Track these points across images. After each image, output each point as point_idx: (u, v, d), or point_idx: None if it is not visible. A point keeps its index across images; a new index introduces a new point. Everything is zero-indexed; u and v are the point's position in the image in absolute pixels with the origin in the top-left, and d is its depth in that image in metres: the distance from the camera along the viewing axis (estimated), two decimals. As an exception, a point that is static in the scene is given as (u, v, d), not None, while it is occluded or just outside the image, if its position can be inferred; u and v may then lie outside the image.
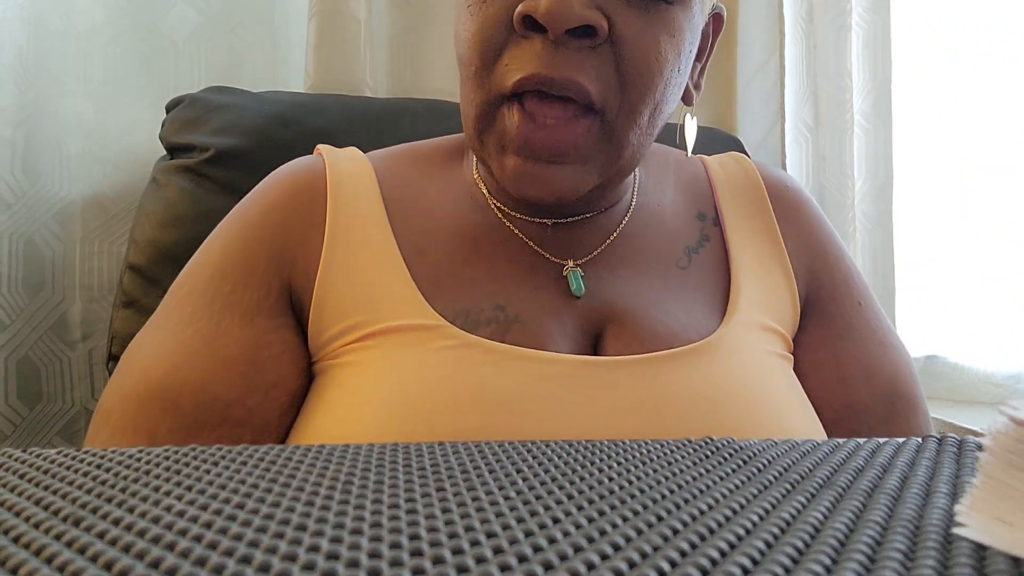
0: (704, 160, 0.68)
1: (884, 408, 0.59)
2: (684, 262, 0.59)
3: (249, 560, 0.20)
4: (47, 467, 0.30)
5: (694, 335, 0.53)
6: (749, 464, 0.31)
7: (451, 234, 0.57)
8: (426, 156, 0.62)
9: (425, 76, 1.08)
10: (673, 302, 0.56)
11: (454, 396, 0.47)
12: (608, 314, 0.54)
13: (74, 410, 0.94)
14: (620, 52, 0.49)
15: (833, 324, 0.61)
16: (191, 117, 0.84)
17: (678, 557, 0.20)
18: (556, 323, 0.53)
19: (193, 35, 0.99)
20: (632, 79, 0.49)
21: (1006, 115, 1.12)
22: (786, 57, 1.14)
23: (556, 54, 0.48)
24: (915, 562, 0.20)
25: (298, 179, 0.59)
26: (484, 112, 0.51)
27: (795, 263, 0.61)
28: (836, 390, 0.58)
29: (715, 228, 0.62)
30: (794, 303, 0.60)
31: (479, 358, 0.49)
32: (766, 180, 0.65)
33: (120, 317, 0.79)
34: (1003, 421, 0.23)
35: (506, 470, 0.30)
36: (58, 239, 0.93)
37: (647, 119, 0.52)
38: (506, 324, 0.51)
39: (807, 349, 0.60)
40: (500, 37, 0.49)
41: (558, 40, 0.47)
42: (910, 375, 0.62)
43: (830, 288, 0.62)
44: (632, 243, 0.59)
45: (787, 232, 0.62)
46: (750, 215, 0.63)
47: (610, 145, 0.51)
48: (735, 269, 0.59)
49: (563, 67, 0.48)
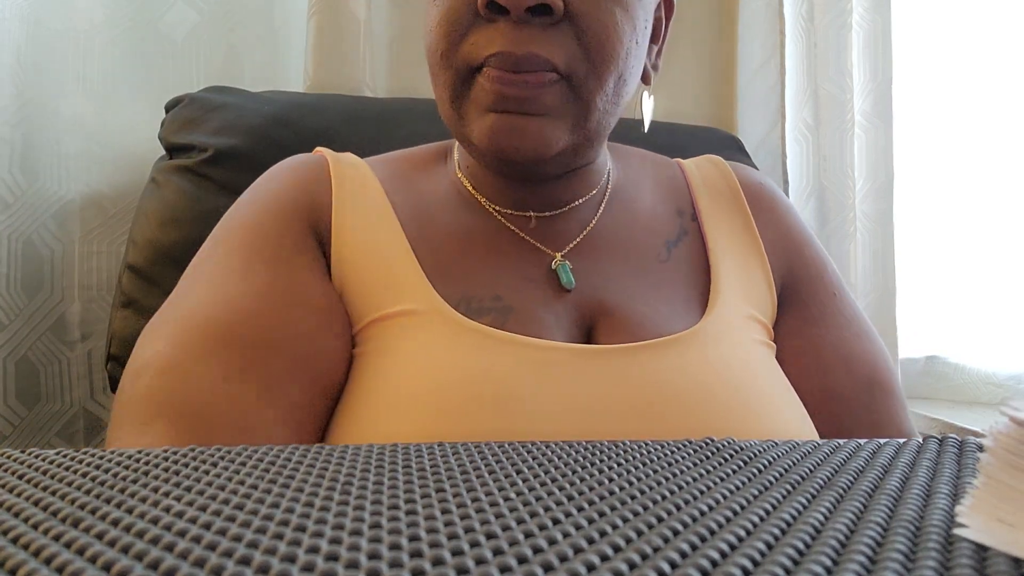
0: (680, 163, 0.71)
1: (864, 395, 0.61)
2: (664, 256, 0.61)
3: (248, 561, 0.20)
4: (46, 468, 0.30)
5: (679, 325, 0.56)
6: (750, 465, 0.31)
7: (446, 227, 0.59)
8: (415, 160, 0.66)
9: (425, 76, 1.07)
10: (656, 295, 0.58)
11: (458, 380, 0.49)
12: (599, 308, 0.56)
13: (73, 410, 0.94)
14: (579, 25, 0.52)
15: (809, 313, 0.63)
16: (190, 117, 0.84)
17: (678, 558, 0.20)
18: (551, 315, 0.55)
19: (192, 35, 0.99)
20: (594, 47, 0.53)
21: (1006, 115, 1.12)
22: (786, 57, 1.14)
23: (520, 32, 0.51)
24: (916, 563, 0.20)
25: (301, 169, 0.61)
26: (457, 86, 0.54)
27: (771, 256, 0.64)
28: (815, 377, 0.60)
29: (693, 223, 0.64)
30: (771, 294, 0.62)
31: (483, 343, 0.51)
32: (742, 180, 0.68)
33: (119, 317, 0.79)
34: (1004, 422, 0.23)
35: (506, 471, 0.30)
36: (57, 239, 0.93)
37: (612, 86, 0.55)
38: (504, 313, 0.54)
39: (784, 337, 0.62)
40: (465, 21, 0.53)
41: (520, 19, 0.51)
42: (887, 363, 0.64)
43: (805, 280, 0.64)
44: (611, 236, 0.61)
45: (763, 228, 0.65)
46: (727, 212, 0.65)
47: (578, 105, 0.54)
48: (714, 261, 0.61)
49: (526, 43, 0.51)
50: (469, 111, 0.54)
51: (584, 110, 0.54)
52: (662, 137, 0.72)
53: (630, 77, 0.56)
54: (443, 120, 0.58)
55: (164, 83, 0.97)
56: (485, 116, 0.53)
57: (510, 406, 0.48)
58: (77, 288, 0.94)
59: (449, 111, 0.56)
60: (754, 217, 0.65)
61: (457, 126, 0.56)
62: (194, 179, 0.81)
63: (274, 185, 0.59)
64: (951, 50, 1.15)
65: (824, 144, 1.13)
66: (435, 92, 0.58)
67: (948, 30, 1.15)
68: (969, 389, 1.14)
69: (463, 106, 0.55)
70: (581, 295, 0.57)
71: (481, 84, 0.53)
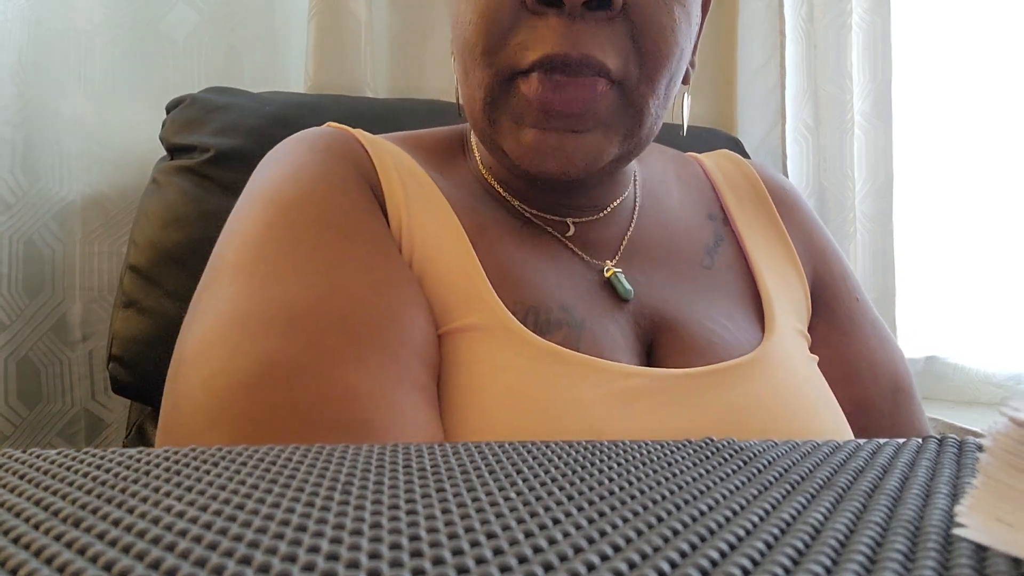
0: (698, 158, 0.67)
1: (888, 403, 0.59)
2: (708, 262, 0.58)
3: (249, 561, 0.20)
4: (47, 468, 0.30)
5: (744, 343, 0.53)
6: (749, 465, 0.31)
7: (496, 228, 0.53)
8: (428, 148, 0.59)
9: (425, 76, 1.08)
10: (713, 307, 0.55)
11: (540, 408, 0.44)
12: (658, 321, 0.53)
13: (74, 411, 0.94)
14: (635, 22, 0.47)
15: (837, 322, 0.61)
16: (191, 118, 0.84)
17: (678, 558, 0.20)
18: (616, 329, 0.51)
19: (193, 35, 0.99)
20: (649, 49, 0.48)
21: (1006, 115, 1.12)
22: (786, 57, 1.14)
23: (573, 29, 0.46)
24: (915, 563, 0.20)
25: (333, 135, 0.53)
26: (496, 89, 0.49)
27: (802, 262, 0.62)
28: (845, 388, 0.58)
29: (726, 227, 0.61)
30: (807, 302, 0.60)
31: (561, 370, 0.46)
32: (764, 179, 0.65)
33: (120, 318, 0.79)
34: (1003, 422, 0.23)
35: (506, 471, 0.30)
36: (58, 239, 0.93)
37: (664, 89, 0.50)
38: (577, 330, 0.49)
39: (815, 346, 0.60)
40: (509, 15, 0.47)
41: (574, 14, 0.45)
42: (905, 366, 0.63)
43: (831, 286, 0.62)
44: (651, 244, 0.58)
45: (791, 231, 0.63)
46: (755, 213, 0.63)
47: (630, 113, 0.49)
48: (756, 269, 0.59)
49: (582, 43, 0.46)
50: (504, 120, 0.49)
51: (636, 118, 0.50)
52: (662, 138, 0.71)
53: (678, 78, 0.52)
54: (470, 122, 0.53)
55: (165, 83, 0.97)
56: (524, 131, 0.48)
57: (596, 438, 0.43)
58: (78, 288, 0.94)
59: (480, 115, 0.50)
60: (781, 219, 0.62)
61: (488, 132, 0.51)
62: (195, 180, 0.81)
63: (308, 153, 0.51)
64: (951, 50, 1.15)
65: (824, 144, 1.13)
66: (463, 91, 0.52)
67: (948, 30, 1.15)
68: (968, 389, 1.14)
69: (500, 111, 0.49)
70: (638, 307, 0.53)
71: (524, 93, 0.47)
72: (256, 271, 0.45)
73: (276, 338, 0.41)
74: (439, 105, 0.93)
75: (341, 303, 0.42)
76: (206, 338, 0.42)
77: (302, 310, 0.42)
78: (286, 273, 0.44)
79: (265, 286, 0.43)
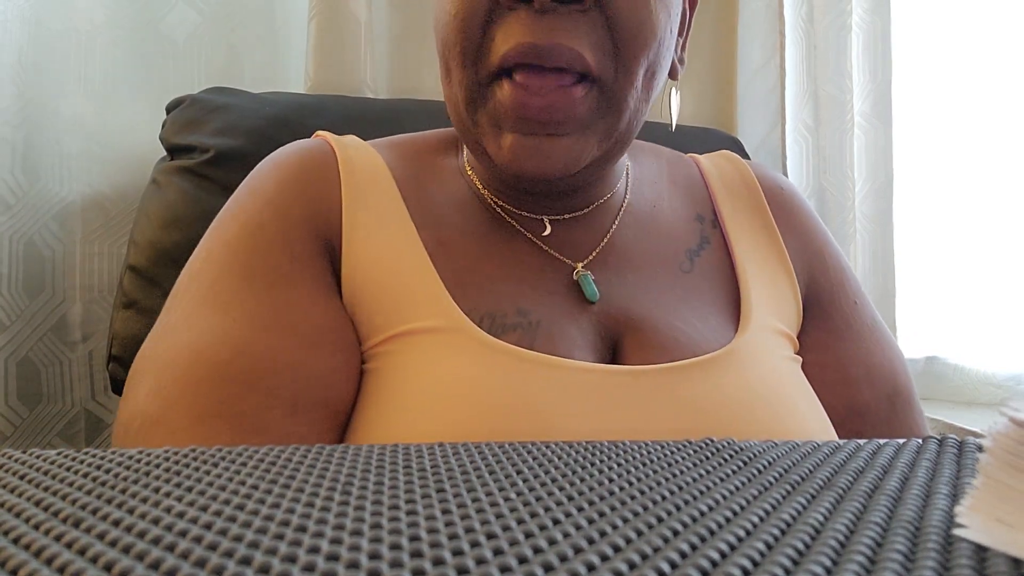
0: (696, 159, 0.67)
1: (885, 407, 0.59)
2: (687, 266, 0.58)
3: (249, 561, 0.20)
4: (47, 468, 0.30)
5: (713, 342, 0.52)
6: (749, 465, 0.31)
7: (461, 232, 0.55)
8: (422, 149, 0.60)
9: (425, 77, 1.08)
10: (686, 308, 0.55)
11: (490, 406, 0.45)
12: (625, 321, 0.53)
13: (74, 411, 0.94)
14: (610, 14, 0.47)
15: (833, 325, 0.60)
16: (191, 118, 0.84)
17: (678, 558, 0.20)
18: (576, 330, 0.51)
19: (193, 35, 0.99)
20: (626, 40, 0.48)
21: (1006, 115, 1.12)
22: (786, 58, 1.14)
23: (544, 21, 0.46)
24: (915, 563, 0.20)
25: (304, 161, 0.55)
26: (475, 92, 0.50)
27: (795, 264, 0.61)
28: (840, 393, 0.58)
29: (715, 230, 0.61)
30: (797, 304, 0.60)
31: (514, 366, 0.47)
32: (761, 180, 0.64)
33: (120, 318, 0.79)
34: (1003, 422, 0.23)
35: (506, 471, 0.30)
36: (58, 240, 0.93)
37: (643, 82, 0.50)
38: (531, 330, 0.50)
39: (808, 349, 0.59)
40: (483, 13, 0.48)
41: (544, 7, 0.46)
42: (904, 370, 0.62)
43: (828, 289, 0.62)
44: (631, 245, 0.57)
45: (785, 233, 0.62)
46: (748, 216, 0.62)
47: (609, 112, 0.50)
48: (741, 272, 0.58)
49: (553, 34, 0.46)
50: (486, 121, 0.50)
51: (616, 115, 0.50)
52: (662, 138, 0.71)
53: (660, 71, 0.52)
54: (452, 122, 0.54)
55: (165, 84, 0.97)
56: (504, 134, 0.49)
57: (547, 436, 0.44)
58: (78, 289, 0.94)
59: (462, 115, 0.51)
60: (776, 221, 0.62)
61: (470, 133, 0.52)
62: (195, 180, 0.81)
63: (271, 184, 0.54)
64: (951, 51, 1.15)
65: (824, 145, 1.13)
66: (446, 91, 0.53)
67: (948, 31, 1.15)
68: (968, 390, 1.14)
69: (479, 114, 0.50)
70: (605, 308, 0.53)
71: (502, 95, 0.48)
72: (174, 301, 0.50)
73: (147, 387, 0.46)
74: (439, 105, 0.93)
75: (216, 351, 0.46)
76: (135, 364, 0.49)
77: (177, 361, 0.46)
78: (186, 314, 0.49)
79: (168, 323, 0.49)
